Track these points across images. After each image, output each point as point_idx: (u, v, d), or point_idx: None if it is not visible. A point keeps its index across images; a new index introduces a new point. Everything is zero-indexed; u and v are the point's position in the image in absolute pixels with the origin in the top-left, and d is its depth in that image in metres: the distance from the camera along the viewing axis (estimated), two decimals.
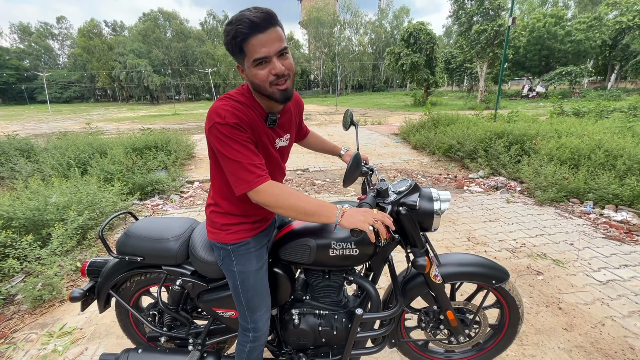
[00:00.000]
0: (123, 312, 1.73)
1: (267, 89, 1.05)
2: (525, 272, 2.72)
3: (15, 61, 52.71)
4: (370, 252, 1.37)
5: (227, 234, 1.27)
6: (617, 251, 2.99)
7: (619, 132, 5.80)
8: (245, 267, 1.28)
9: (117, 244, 1.52)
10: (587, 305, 2.29)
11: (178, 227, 1.52)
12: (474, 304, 1.62)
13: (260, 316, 1.32)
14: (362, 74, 54.82)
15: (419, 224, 1.32)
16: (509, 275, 1.54)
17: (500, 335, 1.70)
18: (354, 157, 1.24)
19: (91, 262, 1.66)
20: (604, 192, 4.01)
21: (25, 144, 6.55)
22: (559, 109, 10.16)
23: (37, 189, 3.60)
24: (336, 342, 1.52)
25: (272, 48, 0.99)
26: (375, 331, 1.50)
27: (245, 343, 1.36)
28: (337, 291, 1.52)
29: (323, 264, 1.39)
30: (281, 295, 1.46)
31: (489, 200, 4.43)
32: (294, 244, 1.38)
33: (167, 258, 1.46)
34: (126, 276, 1.58)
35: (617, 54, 28.30)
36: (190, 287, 1.48)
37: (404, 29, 23.63)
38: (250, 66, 1.02)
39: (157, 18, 50.37)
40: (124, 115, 23.96)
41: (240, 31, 0.96)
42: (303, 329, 1.47)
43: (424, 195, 1.32)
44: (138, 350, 1.58)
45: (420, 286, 1.52)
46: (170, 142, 7.07)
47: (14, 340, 2.14)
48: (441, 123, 8.37)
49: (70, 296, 1.55)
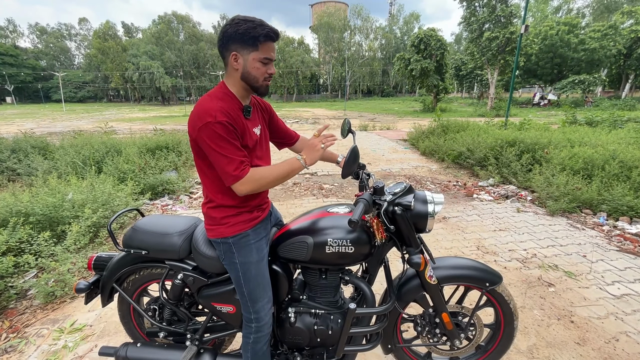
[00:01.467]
0: (124, 307, 1.77)
1: (259, 81, 1.24)
2: (536, 283, 2.68)
3: (32, 61, 54.23)
4: (366, 252, 1.41)
5: (227, 227, 1.33)
6: (631, 265, 2.92)
7: (634, 143, 5.68)
8: (247, 258, 1.35)
9: (124, 237, 1.56)
10: (600, 320, 2.23)
11: (182, 224, 1.57)
12: (468, 307, 1.64)
13: (262, 306, 1.37)
14: (371, 79, 54.93)
15: (413, 225, 1.37)
16: (502, 278, 1.56)
17: (500, 334, 1.70)
18: (352, 149, 1.29)
19: (97, 257, 1.71)
20: (618, 204, 3.93)
21: (41, 141, 6.71)
22: (571, 117, 10.01)
23: (56, 186, 3.68)
24: (331, 343, 1.54)
25: (274, 56, 1.25)
26: (369, 327, 1.52)
27: (249, 335, 1.40)
28: (334, 291, 1.54)
29: (320, 262, 1.43)
30: (279, 293, 1.50)
31: (499, 209, 4.38)
32: (292, 241, 1.43)
33: (170, 252, 1.50)
34: (130, 270, 1.63)
35: (632, 63, 27.81)
36: (191, 282, 1.52)
37: (415, 35, 23.64)
38: (255, 59, 1.19)
39: (171, 21, 51.31)
40: (136, 116, 24.37)
41: (268, 34, 1.16)
42: (299, 328, 1.50)
43: (418, 197, 1.39)
44: (137, 344, 1.62)
45: (416, 289, 1.55)
46: (181, 143, 7.17)
47: (26, 335, 2.18)
48: (450, 130, 8.31)
49: (76, 287, 1.60)
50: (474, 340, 1.67)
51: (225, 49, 1.20)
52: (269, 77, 1.25)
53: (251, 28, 1.14)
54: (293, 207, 4.56)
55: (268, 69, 1.23)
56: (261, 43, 1.17)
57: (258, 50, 1.18)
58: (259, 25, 1.15)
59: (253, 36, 1.15)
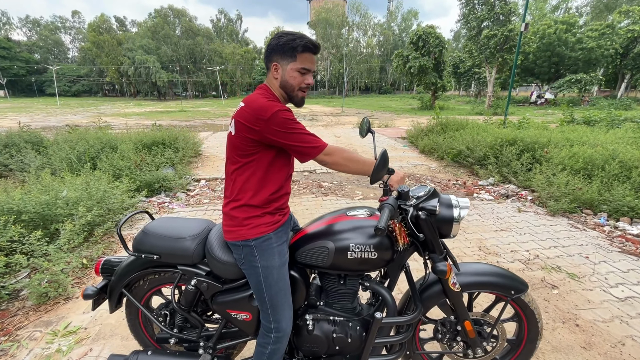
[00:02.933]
0: (133, 313, 1.70)
1: (294, 90, 1.30)
2: (540, 285, 2.65)
3: (25, 54, 53.35)
4: (388, 257, 1.35)
5: (249, 229, 1.29)
6: (634, 267, 2.90)
7: (632, 143, 5.68)
8: (269, 262, 1.30)
9: (134, 241, 1.49)
10: (605, 323, 2.21)
11: (195, 227, 1.51)
12: (491, 316, 1.58)
13: (283, 315, 1.32)
14: (369, 76, 54.75)
15: (437, 230, 1.31)
16: (527, 286, 1.50)
17: (518, 351, 1.65)
18: (382, 154, 1.21)
19: (105, 261, 1.63)
20: (618, 204, 3.92)
21: (35, 136, 6.56)
22: (569, 117, 10.01)
23: (49, 183, 3.59)
24: (350, 351, 1.48)
25: (313, 67, 1.30)
26: (393, 337, 1.46)
27: (266, 345, 1.34)
28: (352, 297, 1.49)
29: (340, 268, 1.37)
30: (296, 299, 1.43)
31: (500, 209, 4.35)
32: (311, 246, 1.37)
33: (183, 257, 1.44)
34: (140, 275, 1.55)
35: (629, 62, 27.90)
36: (204, 288, 1.46)
37: (413, 32, 23.53)
38: (293, 69, 1.25)
39: (167, 15, 50.66)
40: (131, 111, 24.08)
41: (306, 45, 1.23)
42: (317, 336, 1.44)
43: (443, 201, 1.32)
44: (147, 352, 1.55)
45: (438, 295, 1.49)
46: (178, 140, 7.06)
47: (17, 338, 2.11)
48: (450, 128, 8.28)
49: (84, 294, 1.53)
50: (492, 352, 1.61)
51: (268, 60, 1.28)
52: (305, 87, 1.30)
53: (290, 40, 1.22)
54: (292, 205, 4.47)
55: (305, 79, 1.28)
56: (299, 54, 1.23)
57: (296, 60, 1.24)
58: (298, 38, 1.23)
59: (291, 47, 1.22)
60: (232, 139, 1.26)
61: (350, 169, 1.28)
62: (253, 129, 1.18)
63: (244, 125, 1.20)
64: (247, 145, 1.23)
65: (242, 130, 1.21)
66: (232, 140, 1.26)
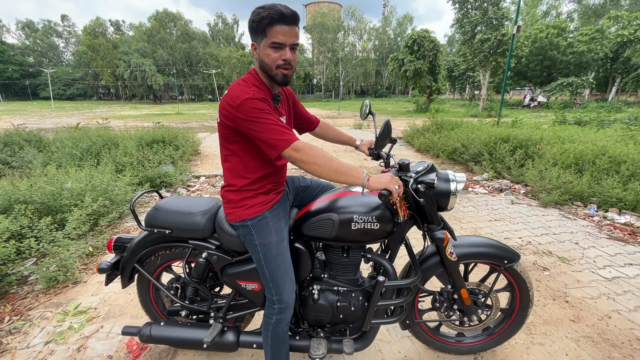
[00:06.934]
0: (144, 288, 1.77)
1: (272, 69, 1.20)
2: (532, 267, 2.77)
3: (19, 57, 52.93)
4: (389, 229, 1.43)
5: (244, 210, 1.36)
6: (621, 251, 3.04)
7: (621, 141, 5.87)
8: (266, 239, 1.35)
9: (146, 217, 1.57)
10: (593, 300, 2.33)
11: (205, 204, 1.59)
12: (486, 285, 1.68)
13: (284, 288, 1.37)
14: (365, 79, 55.16)
15: (435, 203, 1.40)
16: (519, 256, 1.61)
17: (510, 319, 1.75)
18: (386, 123, 1.33)
19: (117, 238, 1.71)
20: (607, 196, 4.08)
21: (34, 135, 6.60)
22: (561, 117, 10.26)
23: (54, 175, 3.65)
24: (353, 319, 1.58)
25: (289, 40, 1.17)
26: (394, 300, 1.55)
27: (271, 315, 1.41)
28: (355, 269, 1.57)
29: (344, 239, 1.45)
30: (301, 271, 1.51)
31: (494, 201, 4.48)
32: (317, 219, 1.44)
33: (194, 231, 1.51)
34: (152, 250, 1.63)
35: (618, 66, 28.55)
36: (215, 260, 1.53)
37: (408, 36, 23.84)
38: (265, 46, 1.17)
39: (163, 19, 50.71)
40: (127, 113, 24.03)
41: (271, 16, 1.11)
42: (322, 305, 1.53)
43: (441, 176, 1.40)
44: (160, 323, 1.62)
45: (436, 265, 1.59)
46: (178, 138, 7.14)
47: (29, 317, 2.18)
48: (445, 127, 8.44)
49: (99, 267, 1.61)
50: (486, 320, 1.71)
51: (251, 42, 1.22)
52: (284, 64, 1.18)
53: (259, 14, 1.12)
54: None
55: (281, 55, 1.17)
56: (269, 28, 1.13)
57: (266, 35, 1.15)
58: (266, 9, 1.11)
59: (259, 22, 1.13)
60: (218, 127, 1.29)
61: (322, 170, 1.16)
62: (228, 116, 1.19)
63: (222, 113, 1.21)
64: (229, 133, 1.26)
65: (222, 118, 1.23)
66: (219, 128, 1.29)
